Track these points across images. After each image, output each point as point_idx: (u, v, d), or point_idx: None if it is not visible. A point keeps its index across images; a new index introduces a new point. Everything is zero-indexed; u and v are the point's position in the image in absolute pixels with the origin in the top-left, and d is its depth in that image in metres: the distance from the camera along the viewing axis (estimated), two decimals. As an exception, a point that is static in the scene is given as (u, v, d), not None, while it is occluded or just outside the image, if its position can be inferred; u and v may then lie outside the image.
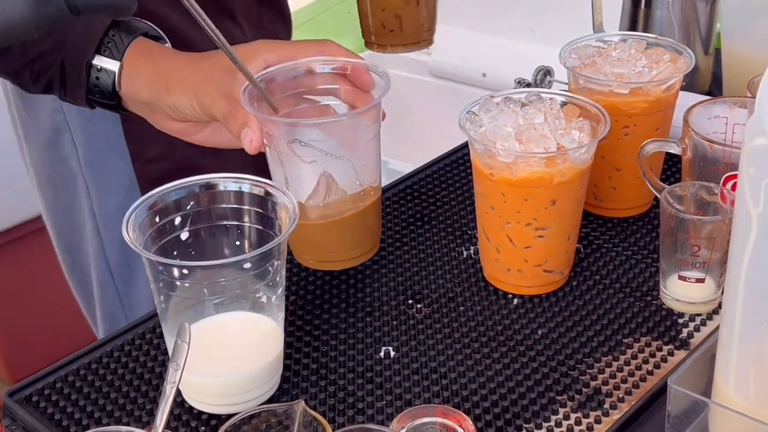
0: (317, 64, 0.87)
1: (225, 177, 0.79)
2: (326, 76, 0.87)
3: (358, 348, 0.83)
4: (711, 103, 0.93)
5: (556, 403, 0.76)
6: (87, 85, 0.85)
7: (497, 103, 0.88)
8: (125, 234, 0.72)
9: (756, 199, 0.60)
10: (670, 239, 0.84)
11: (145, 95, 0.86)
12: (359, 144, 0.82)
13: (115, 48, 0.84)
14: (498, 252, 0.88)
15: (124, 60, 0.85)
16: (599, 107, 0.86)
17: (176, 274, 0.73)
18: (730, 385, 0.67)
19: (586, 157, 0.84)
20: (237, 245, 0.80)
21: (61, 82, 0.86)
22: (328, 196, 0.82)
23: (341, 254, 0.86)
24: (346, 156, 0.81)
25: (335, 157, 0.81)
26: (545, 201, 0.84)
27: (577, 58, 0.97)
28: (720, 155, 0.88)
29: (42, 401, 0.79)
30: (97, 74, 0.85)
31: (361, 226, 0.85)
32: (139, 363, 0.83)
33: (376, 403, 0.77)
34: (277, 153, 0.79)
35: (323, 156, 0.80)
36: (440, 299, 0.89)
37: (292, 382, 0.80)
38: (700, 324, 0.84)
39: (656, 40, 0.99)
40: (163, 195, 0.77)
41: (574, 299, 0.88)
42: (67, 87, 0.87)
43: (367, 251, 0.87)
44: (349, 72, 0.87)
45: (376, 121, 0.83)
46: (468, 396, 0.77)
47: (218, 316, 0.77)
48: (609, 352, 0.81)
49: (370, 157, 0.84)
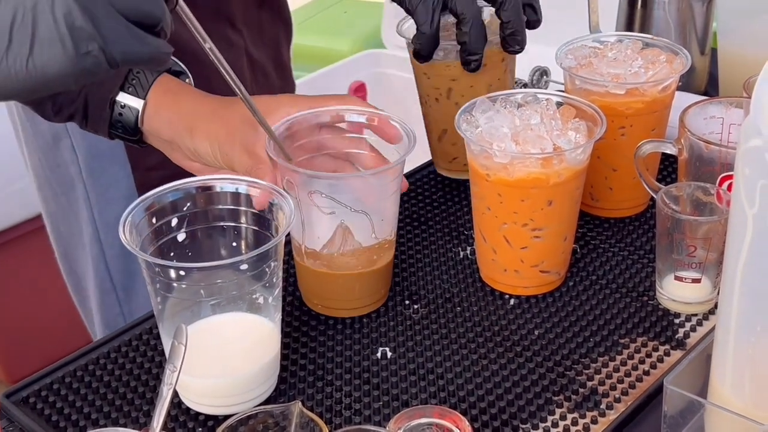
0: (344, 113, 0.88)
1: (221, 178, 0.79)
2: (352, 125, 0.89)
3: (355, 349, 0.83)
4: (707, 103, 0.93)
5: (553, 404, 0.77)
6: (110, 120, 0.87)
7: (493, 103, 0.88)
8: (122, 236, 0.72)
9: (751, 200, 0.60)
10: (666, 240, 0.84)
11: (167, 134, 0.87)
12: (379, 199, 0.82)
13: (139, 85, 0.86)
14: (495, 252, 0.88)
15: (148, 98, 0.86)
16: (595, 108, 0.87)
17: (173, 276, 0.73)
18: (726, 385, 0.67)
19: (583, 158, 0.84)
20: (234, 246, 0.80)
21: (83, 115, 0.88)
22: (343, 247, 0.83)
23: (351, 303, 0.86)
24: (365, 210, 0.82)
25: (354, 210, 0.81)
26: (542, 202, 0.84)
27: (573, 58, 0.97)
28: (716, 156, 0.88)
29: (39, 402, 0.79)
30: (120, 110, 0.86)
31: (372, 279, 0.86)
32: (137, 364, 0.83)
33: (373, 404, 0.77)
34: (297, 200, 0.79)
35: (342, 208, 0.81)
36: (437, 300, 0.89)
37: (289, 383, 0.80)
38: (696, 324, 0.85)
39: (652, 40, 0.99)
40: (159, 196, 0.77)
41: (571, 300, 0.88)
42: (89, 119, 0.88)
43: (375, 301, 0.87)
44: (375, 124, 0.87)
45: (397, 178, 0.83)
46: (465, 396, 0.77)
47: (215, 317, 0.77)
48: (605, 353, 0.82)
49: (388, 212, 0.84)
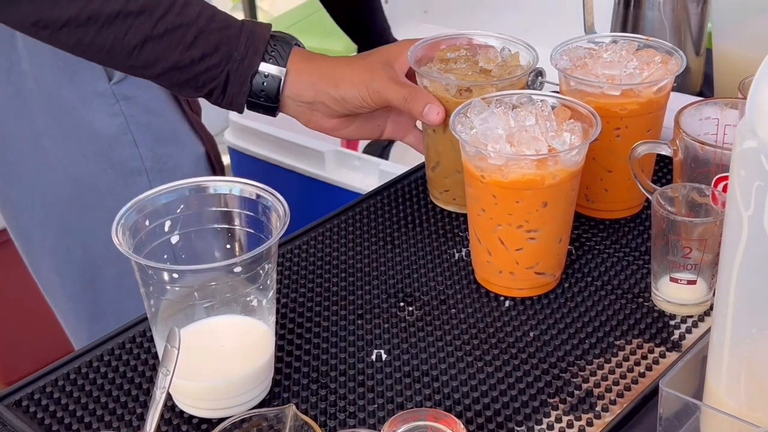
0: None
1: (215, 180, 0.79)
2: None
3: (350, 351, 0.83)
4: (702, 104, 0.93)
5: (548, 406, 0.76)
6: (251, 91, 0.94)
7: (488, 105, 0.88)
8: (115, 238, 0.72)
9: (747, 202, 0.60)
10: (661, 241, 0.84)
11: (309, 95, 0.95)
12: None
13: (279, 56, 0.94)
14: (490, 254, 0.88)
15: (289, 66, 0.94)
16: (590, 109, 0.86)
17: (166, 278, 0.73)
18: (722, 387, 0.67)
19: (578, 159, 0.84)
20: (228, 249, 0.80)
21: (222, 90, 0.93)
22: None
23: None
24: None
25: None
26: (536, 203, 0.84)
27: (568, 59, 0.97)
28: (711, 157, 0.87)
29: (32, 406, 0.79)
30: (263, 80, 0.94)
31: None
32: (130, 367, 0.82)
33: (367, 406, 0.77)
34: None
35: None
36: (432, 301, 0.89)
37: (284, 386, 0.80)
38: (691, 326, 0.84)
39: (647, 41, 0.99)
40: (153, 198, 0.77)
41: (566, 301, 0.88)
42: (226, 94, 0.94)
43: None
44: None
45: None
46: (460, 399, 0.77)
47: (209, 319, 0.77)
48: (601, 354, 0.81)
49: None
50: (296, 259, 0.96)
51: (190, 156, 1.11)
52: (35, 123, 1.02)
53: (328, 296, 0.90)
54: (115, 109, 1.04)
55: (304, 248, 0.97)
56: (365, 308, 0.88)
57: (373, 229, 1.00)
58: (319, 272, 0.93)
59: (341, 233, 0.99)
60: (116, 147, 1.05)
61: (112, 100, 1.03)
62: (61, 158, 1.04)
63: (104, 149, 1.05)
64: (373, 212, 1.03)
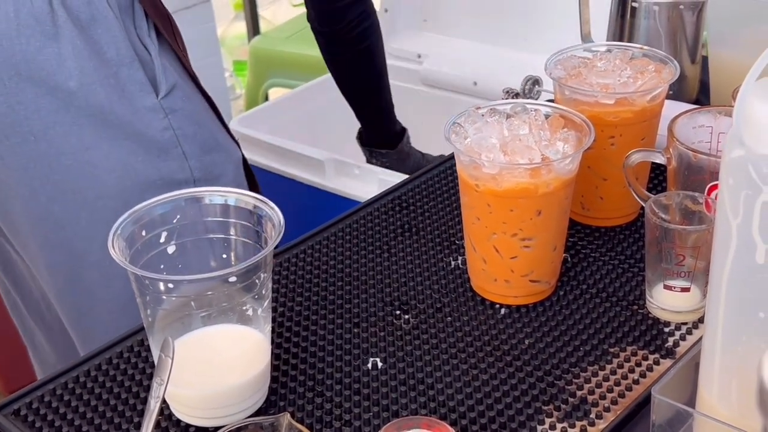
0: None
1: (211, 191, 0.80)
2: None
3: (346, 359, 0.83)
4: (696, 112, 0.94)
5: (542, 413, 0.77)
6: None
7: (482, 114, 0.88)
8: (111, 249, 0.72)
9: (735, 211, 0.60)
10: (655, 249, 0.84)
11: None
12: None
13: None
14: (485, 262, 0.88)
15: None
16: (584, 118, 0.87)
17: (163, 288, 0.73)
18: (714, 394, 0.67)
19: (571, 168, 0.85)
20: (223, 258, 0.81)
21: None
22: None
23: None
24: None
25: None
26: (530, 211, 0.84)
27: (562, 69, 0.98)
28: (705, 164, 0.88)
29: (30, 415, 0.80)
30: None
31: None
32: (127, 376, 0.83)
33: (363, 414, 0.77)
34: None
35: None
36: (428, 310, 0.89)
37: (280, 394, 0.80)
38: (685, 333, 0.85)
39: (641, 50, 1.00)
40: (149, 209, 0.78)
41: (561, 309, 0.89)
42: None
43: None
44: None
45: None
46: (454, 407, 0.78)
47: (205, 328, 0.77)
48: (595, 362, 0.82)
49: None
50: (293, 267, 0.96)
51: (232, 162, 1.13)
52: (84, 137, 1.01)
53: (325, 304, 0.90)
54: (165, 123, 1.05)
55: (301, 257, 0.98)
56: (361, 316, 0.89)
57: (370, 237, 1.00)
58: (316, 281, 0.94)
59: (338, 242, 1.00)
60: (166, 160, 1.05)
61: (161, 115, 1.04)
62: (111, 172, 1.03)
63: (154, 162, 1.05)
64: (370, 221, 1.03)
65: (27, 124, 0.98)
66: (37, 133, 0.99)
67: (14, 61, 0.96)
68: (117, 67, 1.01)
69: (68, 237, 1.05)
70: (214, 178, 1.09)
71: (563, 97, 0.96)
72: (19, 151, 0.99)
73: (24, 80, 0.97)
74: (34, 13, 0.96)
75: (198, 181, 1.08)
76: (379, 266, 0.96)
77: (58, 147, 1.00)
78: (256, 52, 2.40)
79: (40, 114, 0.98)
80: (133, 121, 1.03)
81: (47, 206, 1.03)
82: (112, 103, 1.01)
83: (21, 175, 1.01)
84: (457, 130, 0.87)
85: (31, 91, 0.97)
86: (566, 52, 1.00)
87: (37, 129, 0.99)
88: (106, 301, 1.08)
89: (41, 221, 1.04)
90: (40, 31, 0.96)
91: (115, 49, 1.00)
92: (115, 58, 1.00)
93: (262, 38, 2.49)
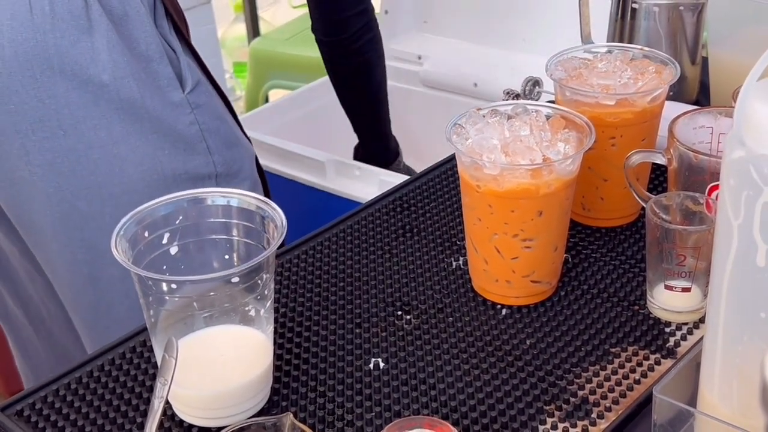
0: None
1: (213, 192, 0.80)
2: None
3: (348, 360, 0.84)
4: (696, 113, 0.94)
5: (544, 413, 0.77)
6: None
7: (483, 115, 0.88)
8: (114, 250, 0.73)
9: (736, 211, 0.60)
10: (656, 249, 0.85)
11: None
12: None
13: None
14: (486, 263, 0.89)
15: None
16: (584, 119, 0.87)
17: (166, 289, 0.74)
18: (715, 393, 0.67)
19: (572, 168, 0.85)
20: (226, 259, 0.81)
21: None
22: None
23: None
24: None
25: None
26: (532, 212, 0.84)
27: (563, 70, 0.98)
28: (705, 165, 0.88)
29: (33, 416, 0.80)
30: None
31: None
32: (130, 377, 0.83)
33: (365, 414, 0.78)
34: None
35: None
36: (429, 310, 0.89)
37: (282, 394, 0.80)
38: (686, 333, 0.85)
39: (642, 51, 1.00)
40: (152, 210, 0.78)
41: (562, 309, 0.89)
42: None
43: None
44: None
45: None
46: (456, 407, 0.78)
47: (208, 329, 0.78)
48: (596, 362, 0.82)
49: None
50: (295, 268, 0.97)
51: (248, 157, 1.14)
52: (113, 131, 1.02)
53: (327, 305, 0.91)
54: (191, 118, 1.06)
55: (303, 257, 0.98)
56: (363, 317, 0.89)
57: (371, 238, 1.01)
58: (318, 281, 0.94)
59: (340, 242, 1.00)
60: (192, 154, 1.07)
61: (187, 110, 1.05)
62: (138, 166, 1.04)
63: (180, 156, 1.06)
64: (371, 221, 1.04)
65: (57, 118, 0.99)
66: (67, 127, 0.99)
67: (48, 54, 0.97)
68: (147, 62, 1.02)
69: (92, 233, 1.05)
70: (233, 174, 1.11)
71: (564, 98, 0.96)
72: (47, 146, 1.00)
73: (56, 74, 0.97)
74: (69, 8, 0.97)
75: (220, 175, 1.09)
76: (381, 267, 0.96)
77: (88, 141, 1.01)
78: (256, 54, 2.40)
79: (70, 108, 0.99)
80: (162, 116, 1.04)
81: (72, 202, 1.03)
82: (144, 97, 1.02)
83: (46, 172, 1.01)
84: (458, 131, 0.87)
85: (62, 85, 0.98)
86: (567, 54, 1.00)
87: (67, 123, 0.99)
88: (125, 298, 1.07)
89: (65, 218, 1.04)
90: (74, 25, 0.97)
91: (146, 44, 1.02)
92: (145, 53, 1.02)
93: (262, 40, 2.49)
